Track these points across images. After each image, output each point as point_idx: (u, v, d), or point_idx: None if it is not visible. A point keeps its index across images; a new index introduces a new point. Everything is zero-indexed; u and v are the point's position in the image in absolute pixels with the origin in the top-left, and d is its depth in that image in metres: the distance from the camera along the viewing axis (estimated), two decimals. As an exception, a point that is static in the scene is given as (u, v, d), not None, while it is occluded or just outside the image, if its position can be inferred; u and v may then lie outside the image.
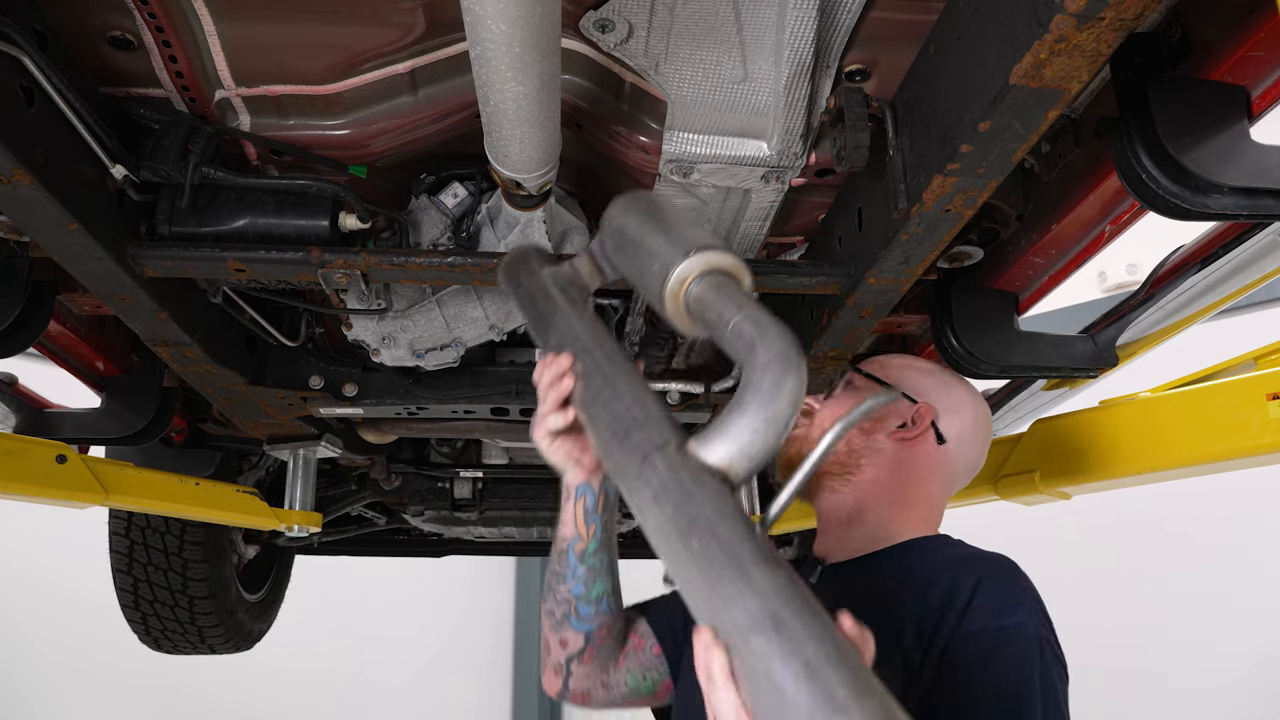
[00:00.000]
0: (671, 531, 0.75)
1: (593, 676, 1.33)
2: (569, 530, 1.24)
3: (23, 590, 6.18)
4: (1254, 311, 4.38)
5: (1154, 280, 1.68)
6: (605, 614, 1.29)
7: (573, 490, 1.22)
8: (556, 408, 1.11)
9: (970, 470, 1.42)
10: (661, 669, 1.35)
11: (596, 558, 1.24)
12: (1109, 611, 4.98)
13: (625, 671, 1.35)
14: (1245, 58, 1.09)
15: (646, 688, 1.36)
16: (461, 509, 3.06)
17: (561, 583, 1.28)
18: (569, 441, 1.17)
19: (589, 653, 1.30)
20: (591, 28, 1.28)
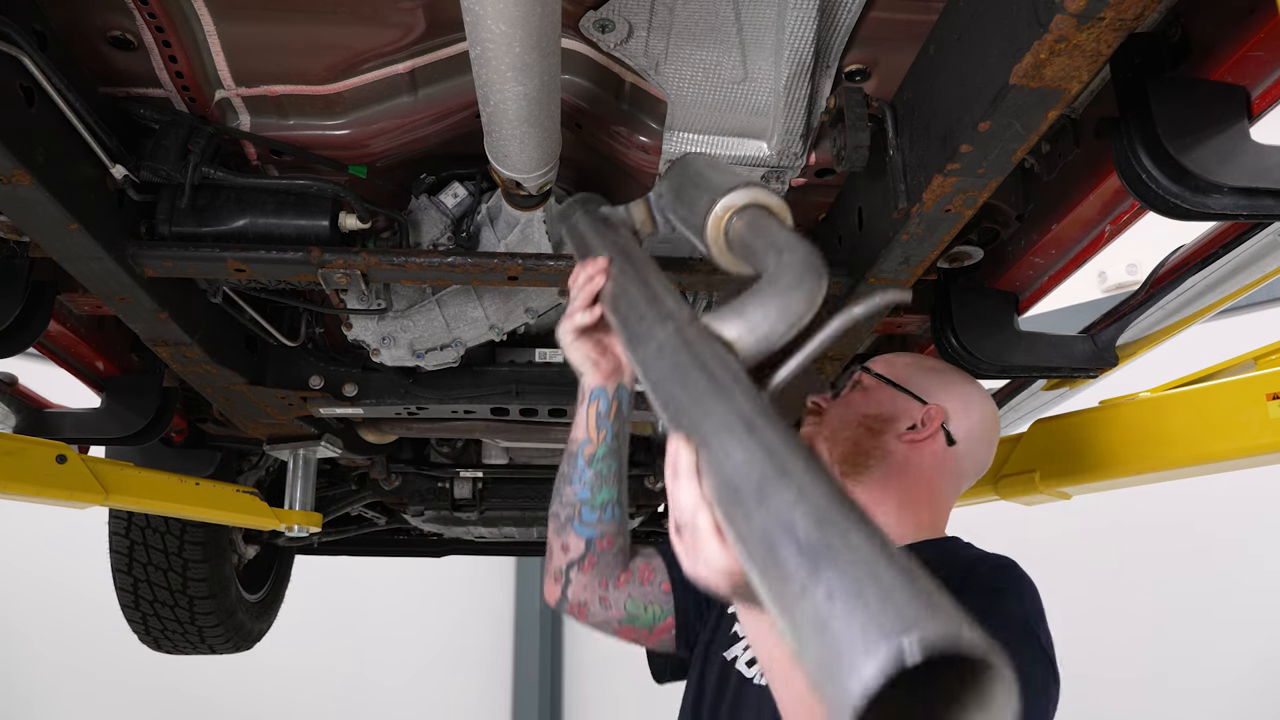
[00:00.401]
0: (670, 378, 0.77)
1: (591, 588, 1.33)
2: (580, 433, 1.27)
3: (23, 590, 6.18)
4: (1254, 311, 4.38)
5: (1154, 280, 1.68)
6: (609, 522, 1.29)
7: (587, 393, 1.26)
8: (586, 304, 1.15)
9: (979, 469, 1.41)
10: (665, 607, 1.35)
11: (604, 463, 1.26)
12: (1108, 611, 4.97)
13: (626, 595, 1.34)
14: (1245, 58, 1.09)
15: (645, 619, 1.35)
16: (461, 509, 3.05)
17: (568, 485, 1.30)
18: (590, 343, 1.21)
19: (589, 560, 1.31)
20: (591, 28, 1.28)
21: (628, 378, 1.26)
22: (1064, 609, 5.01)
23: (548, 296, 1.85)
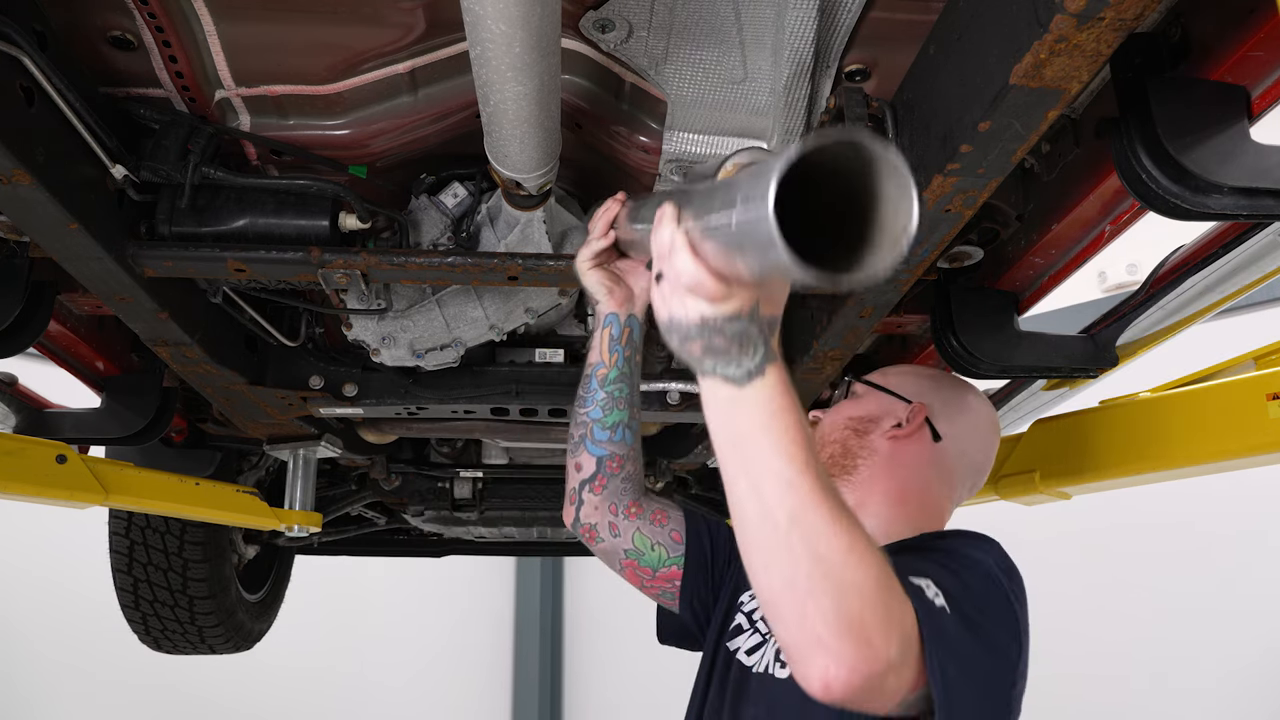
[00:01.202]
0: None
1: (602, 510, 1.40)
2: (595, 356, 1.38)
3: (23, 590, 6.18)
4: (1254, 311, 4.38)
5: (1154, 280, 1.68)
6: (619, 444, 1.38)
7: (601, 319, 1.37)
8: (603, 232, 1.30)
9: (975, 469, 1.43)
10: (672, 554, 1.40)
11: (616, 385, 1.36)
12: (1108, 611, 4.98)
13: (636, 528, 1.40)
14: (1245, 58, 1.09)
15: (649, 559, 1.40)
16: (461, 509, 3.05)
17: (583, 406, 1.39)
18: (604, 272, 1.34)
19: (600, 480, 1.38)
20: (591, 28, 1.28)
21: (639, 308, 1.37)
22: (1063, 609, 5.03)
23: (548, 296, 1.85)
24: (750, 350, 0.85)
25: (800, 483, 0.84)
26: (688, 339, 0.86)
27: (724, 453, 0.89)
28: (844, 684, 0.82)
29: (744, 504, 0.87)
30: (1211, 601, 4.66)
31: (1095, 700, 4.93)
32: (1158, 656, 4.78)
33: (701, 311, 0.83)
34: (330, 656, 7.34)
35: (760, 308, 0.85)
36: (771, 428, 0.85)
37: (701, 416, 2.20)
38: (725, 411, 0.88)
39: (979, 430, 1.43)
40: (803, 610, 0.82)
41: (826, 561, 0.82)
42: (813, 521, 0.83)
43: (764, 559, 0.86)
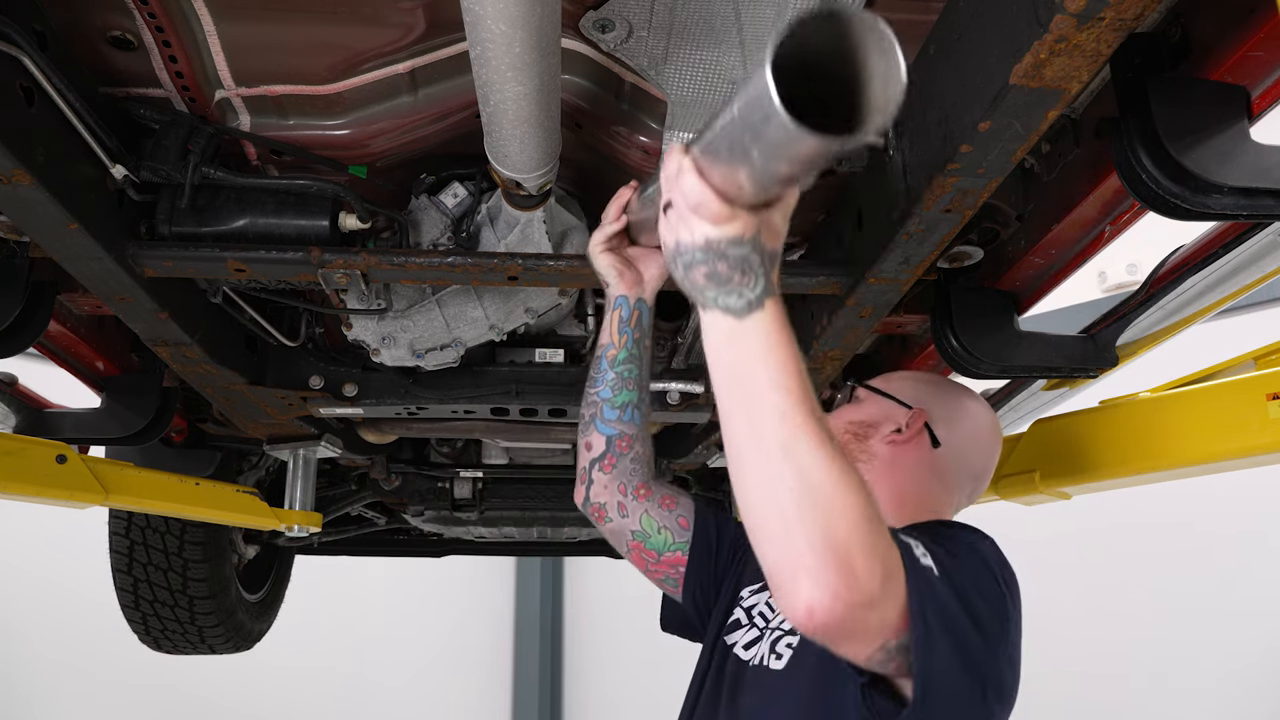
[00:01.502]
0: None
1: (611, 490, 1.43)
2: (605, 337, 1.42)
3: (23, 590, 6.18)
4: (1254, 311, 4.38)
5: (1154, 280, 1.68)
6: (629, 423, 1.41)
7: (612, 301, 1.41)
8: (615, 216, 1.36)
9: (974, 476, 1.43)
10: (678, 539, 1.42)
11: (625, 366, 1.40)
12: (1106, 610, 4.98)
13: (644, 510, 1.42)
14: (1245, 58, 1.09)
15: (655, 542, 1.42)
16: (461, 509, 3.05)
17: (593, 386, 1.44)
18: (615, 256, 1.38)
19: (609, 459, 1.42)
20: (591, 28, 1.28)
21: (649, 293, 1.41)
22: (1064, 608, 5.02)
23: (548, 296, 1.85)
24: (751, 280, 0.88)
25: (794, 413, 0.86)
26: (692, 265, 0.89)
27: (721, 384, 0.92)
28: (827, 610, 0.84)
29: (738, 433, 0.89)
30: (1212, 601, 4.66)
31: (1095, 700, 4.93)
32: (1158, 656, 4.78)
33: (706, 233, 0.86)
34: (330, 656, 7.34)
35: (762, 237, 0.88)
36: (768, 360, 0.87)
37: (701, 417, 2.21)
38: (725, 344, 0.90)
39: (979, 437, 1.43)
40: (789, 537, 0.85)
41: (815, 489, 0.84)
42: (804, 450, 0.85)
43: (755, 487, 0.88)
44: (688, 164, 0.87)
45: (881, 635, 0.92)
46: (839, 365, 1.86)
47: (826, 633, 0.87)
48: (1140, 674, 4.83)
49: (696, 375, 2.11)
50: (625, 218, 1.36)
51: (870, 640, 0.92)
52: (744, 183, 0.82)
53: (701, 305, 0.92)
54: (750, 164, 0.78)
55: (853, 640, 0.91)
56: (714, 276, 0.88)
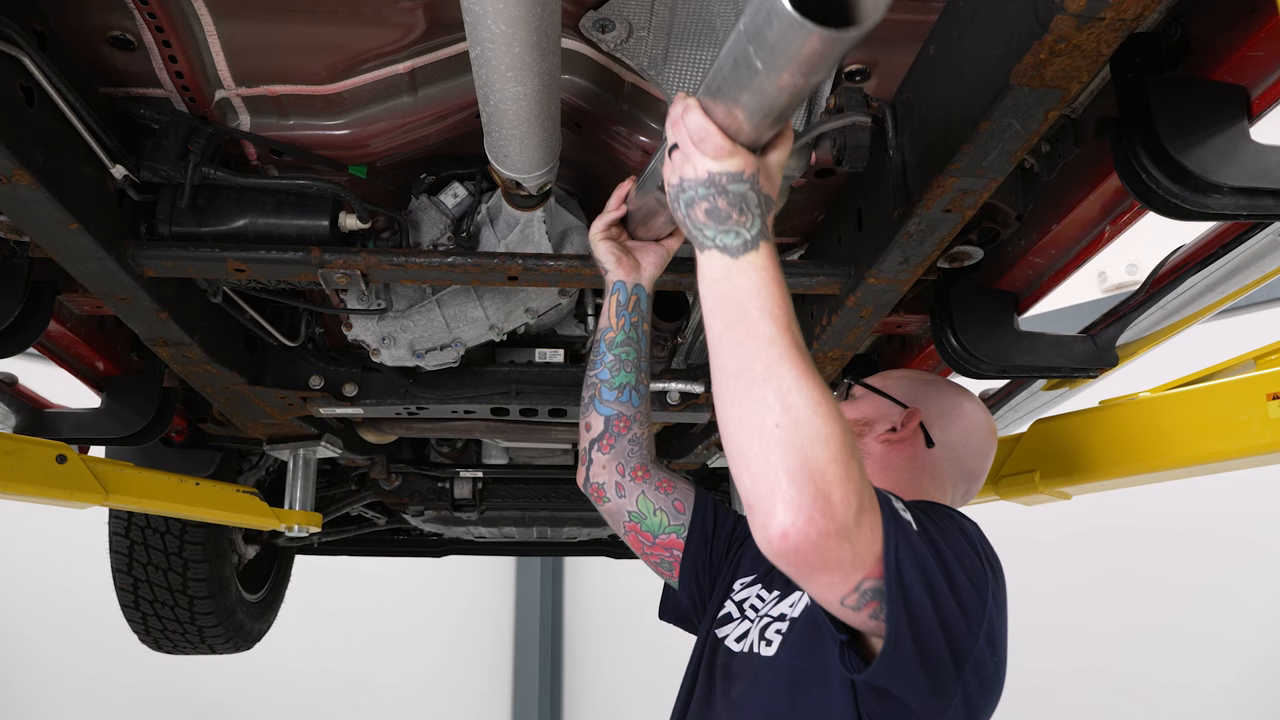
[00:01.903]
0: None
1: (609, 470, 1.45)
2: (604, 321, 1.45)
3: (23, 590, 6.18)
4: (1254, 311, 4.38)
5: (1154, 280, 1.68)
6: (626, 404, 1.44)
7: (610, 285, 1.44)
8: (616, 204, 1.40)
9: (969, 476, 1.43)
10: (674, 522, 1.44)
11: (622, 349, 1.43)
12: (1106, 610, 4.98)
13: (640, 491, 1.44)
14: (1245, 58, 1.09)
15: (650, 524, 1.44)
16: (461, 509, 3.06)
17: (592, 369, 1.47)
18: (615, 244, 1.42)
19: (608, 439, 1.45)
20: (591, 28, 1.28)
21: (646, 279, 1.44)
22: (1063, 608, 5.01)
23: (548, 296, 1.85)
24: (748, 220, 0.94)
25: (780, 341, 0.91)
26: (694, 201, 0.95)
27: (713, 316, 0.96)
28: (800, 533, 0.86)
29: (725, 359, 0.94)
30: (1211, 601, 4.66)
31: (1097, 700, 4.93)
32: (1159, 657, 4.78)
33: (709, 167, 0.94)
34: (330, 657, 7.34)
35: (760, 179, 0.95)
36: (759, 294, 0.93)
37: (701, 417, 2.21)
38: (720, 279, 0.96)
39: (974, 437, 1.43)
40: (767, 461, 0.87)
41: (796, 415, 0.88)
42: (787, 374, 0.90)
43: (738, 412, 0.91)
44: (693, 102, 0.94)
45: (855, 572, 0.92)
46: (839, 365, 1.86)
47: (799, 558, 0.88)
48: (1141, 674, 4.83)
49: (696, 375, 2.11)
50: (624, 207, 1.40)
51: (843, 576, 0.92)
52: (743, 118, 0.89)
53: (700, 246, 0.97)
54: (753, 83, 0.83)
55: (826, 572, 0.91)
56: (713, 213, 0.94)
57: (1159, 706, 4.74)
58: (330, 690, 7.34)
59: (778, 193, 0.99)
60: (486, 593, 8.26)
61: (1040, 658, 4.71)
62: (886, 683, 1.00)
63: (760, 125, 0.90)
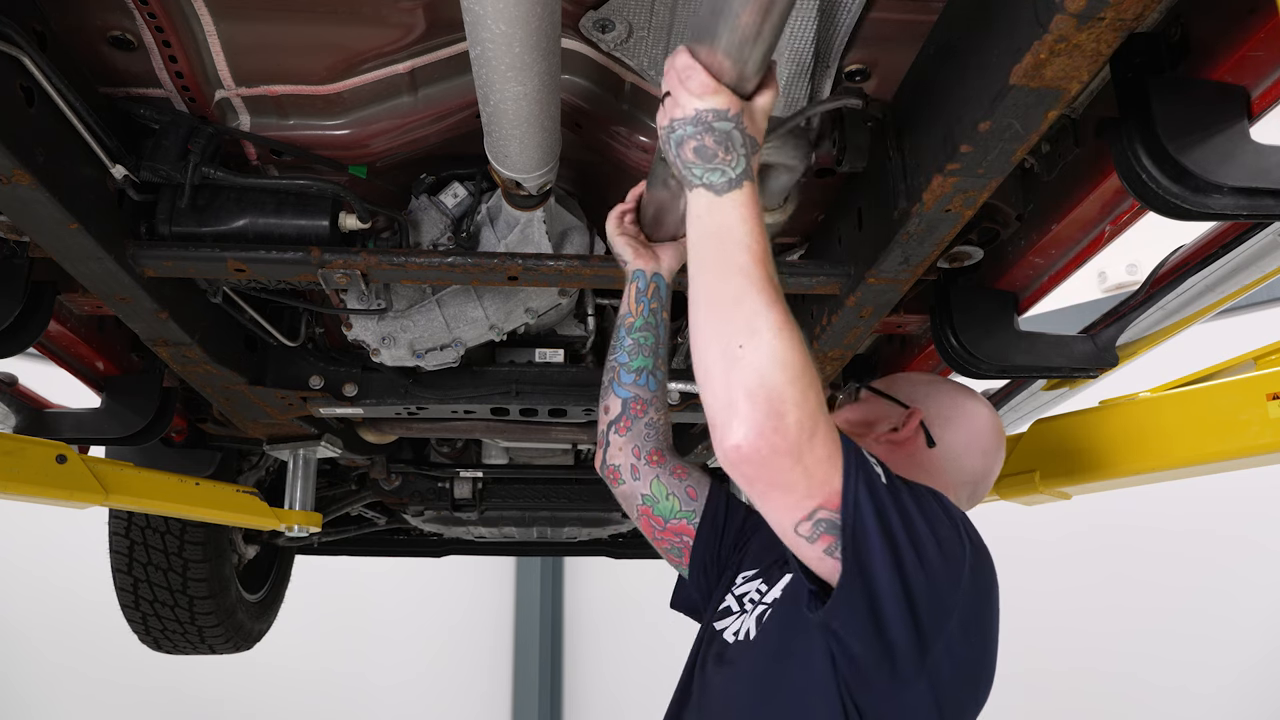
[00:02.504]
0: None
1: (625, 453, 1.48)
2: (624, 308, 1.50)
3: (23, 590, 6.18)
4: (1254, 311, 4.38)
5: (1154, 280, 1.68)
6: (643, 388, 1.48)
7: (630, 275, 1.49)
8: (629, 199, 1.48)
9: (973, 477, 1.42)
10: (685, 508, 1.47)
11: (641, 334, 1.48)
12: (1104, 610, 4.98)
13: (655, 475, 1.47)
14: (1245, 58, 1.09)
15: (662, 508, 1.47)
16: (461, 509, 3.06)
17: (612, 353, 1.52)
18: (630, 237, 1.48)
19: (625, 421, 1.48)
20: (591, 28, 1.28)
21: (665, 269, 1.49)
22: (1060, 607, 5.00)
23: (548, 296, 1.85)
24: (733, 159, 1.01)
25: (754, 272, 0.98)
26: (684, 140, 1.01)
27: (695, 248, 1.03)
28: (751, 446, 0.93)
29: (701, 287, 1.01)
30: (1211, 601, 4.66)
31: (1098, 701, 4.93)
32: (1161, 658, 4.78)
33: (695, 105, 1.00)
34: (330, 657, 7.34)
35: (744, 120, 1.01)
36: (737, 229, 1.00)
37: (700, 417, 2.21)
38: (704, 213, 1.02)
39: (977, 438, 1.42)
40: (729, 379, 0.95)
41: (760, 335, 0.95)
42: (756, 301, 0.96)
43: (708, 331, 0.99)
44: (681, 47, 1.01)
45: (808, 498, 0.97)
46: (839, 365, 1.86)
47: (751, 470, 0.95)
48: (1140, 675, 4.83)
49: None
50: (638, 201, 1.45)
51: (796, 499, 0.98)
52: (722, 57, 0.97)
53: (688, 185, 1.04)
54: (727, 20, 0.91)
55: (778, 491, 0.97)
56: (701, 151, 1.01)
57: (1158, 707, 4.74)
58: (330, 690, 7.33)
59: (763, 136, 1.05)
60: (486, 593, 8.26)
61: (1038, 658, 4.71)
62: (839, 626, 1.03)
63: (740, 64, 0.97)
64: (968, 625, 1.08)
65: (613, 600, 8.00)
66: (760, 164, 1.23)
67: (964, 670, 1.09)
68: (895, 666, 1.03)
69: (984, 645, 1.13)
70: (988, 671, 1.15)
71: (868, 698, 1.06)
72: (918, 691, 1.05)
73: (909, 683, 1.04)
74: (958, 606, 1.06)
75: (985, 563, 1.14)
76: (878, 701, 1.06)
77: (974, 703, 1.14)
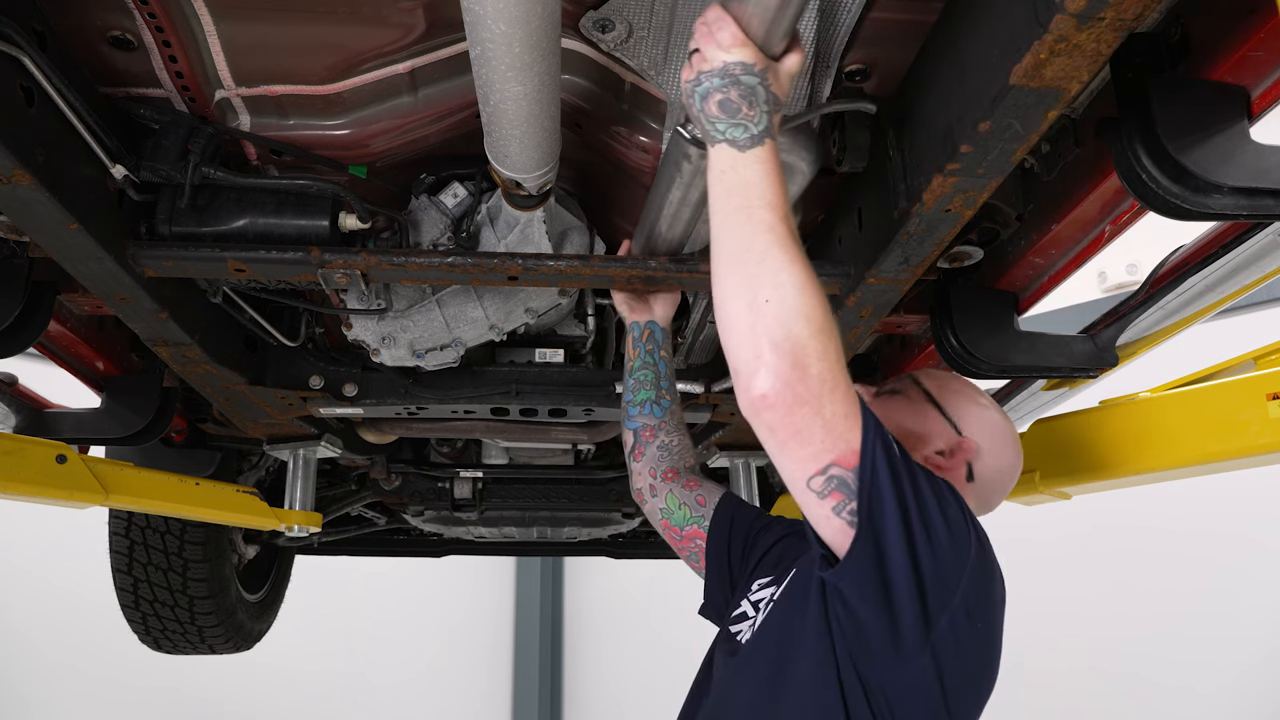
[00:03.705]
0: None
1: (643, 475, 1.64)
2: (626, 356, 1.73)
3: (23, 590, 6.18)
4: (1254, 311, 4.38)
5: (1154, 280, 1.68)
6: (649, 416, 1.66)
7: (628, 326, 1.72)
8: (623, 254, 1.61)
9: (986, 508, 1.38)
10: (694, 515, 1.57)
11: (641, 373, 1.67)
12: (1104, 610, 4.98)
13: (669, 490, 1.61)
14: (1245, 58, 1.09)
15: (677, 518, 1.59)
16: (461, 509, 3.06)
17: (623, 395, 1.72)
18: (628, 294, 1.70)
19: (638, 449, 1.66)
20: (591, 28, 1.28)
21: (658, 316, 1.69)
22: (1061, 607, 5.00)
23: (548, 296, 1.85)
24: (756, 115, 1.03)
25: (778, 229, 1.01)
26: (709, 93, 1.04)
27: (718, 203, 1.05)
28: (777, 395, 0.96)
29: (725, 241, 1.04)
30: (1211, 601, 4.66)
31: (1099, 701, 4.94)
32: (1159, 656, 4.78)
33: (724, 58, 1.03)
34: (330, 657, 7.34)
35: (769, 78, 1.04)
36: (761, 185, 1.03)
37: (701, 417, 2.21)
38: (727, 169, 1.05)
39: (1005, 478, 1.38)
40: (754, 329, 0.98)
41: (784, 289, 0.98)
42: (780, 257, 0.99)
43: (733, 284, 1.01)
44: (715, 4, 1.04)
45: (825, 453, 1.00)
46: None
47: (774, 418, 0.98)
48: (1140, 674, 4.83)
49: (696, 376, 2.11)
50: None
51: (813, 452, 1.00)
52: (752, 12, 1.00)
53: (711, 141, 1.06)
54: None
55: (798, 442, 0.99)
56: (725, 105, 1.03)
57: (1160, 707, 4.74)
58: (330, 690, 7.34)
59: (786, 99, 1.07)
60: (486, 593, 8.26)
61: (1040, 657, 4.71)
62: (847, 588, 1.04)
63: (768, 24, 1.01)
64: (971, 607, 1.08)
65: (613, 600, 8.00)
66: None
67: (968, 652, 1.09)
68: (899, 635, 1.04)
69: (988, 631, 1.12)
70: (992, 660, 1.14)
71: (871, 666, 1.06)
72: (921, 666, 1.05)
73: (913, 656, 1.05)
74: (963, 585, 1.06)
75: (989, 555, 1.14)
76: (881, 672, 1.06)
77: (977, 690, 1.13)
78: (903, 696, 1.06)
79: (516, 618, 8.36)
